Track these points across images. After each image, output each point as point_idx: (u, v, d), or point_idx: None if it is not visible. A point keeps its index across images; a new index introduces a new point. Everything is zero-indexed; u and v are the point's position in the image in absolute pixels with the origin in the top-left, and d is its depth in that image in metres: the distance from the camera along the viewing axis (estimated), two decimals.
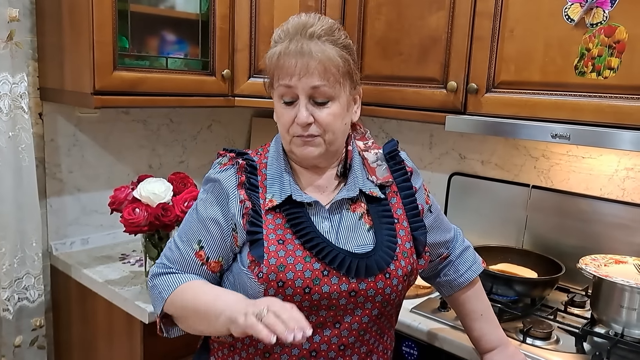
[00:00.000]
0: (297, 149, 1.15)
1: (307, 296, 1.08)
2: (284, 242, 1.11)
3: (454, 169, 2.20)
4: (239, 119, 2.55)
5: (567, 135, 1.45)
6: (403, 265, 1.16)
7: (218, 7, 1.93)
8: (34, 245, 1.90)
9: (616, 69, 1.45)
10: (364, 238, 1.16)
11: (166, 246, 1.22)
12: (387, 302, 1.16)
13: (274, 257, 1.09)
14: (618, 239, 1.79)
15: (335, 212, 1.17)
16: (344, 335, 1.13)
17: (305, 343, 1.11)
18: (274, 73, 1.13)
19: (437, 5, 1.76)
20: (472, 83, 1.70)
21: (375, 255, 1.14)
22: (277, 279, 1.08)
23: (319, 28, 1.12)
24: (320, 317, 1.11)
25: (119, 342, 1.76)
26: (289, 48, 1.10)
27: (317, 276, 1.09)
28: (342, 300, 1.11)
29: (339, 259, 1.10)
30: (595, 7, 1.46)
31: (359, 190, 1.18)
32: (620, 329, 1.47)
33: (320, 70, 1.09)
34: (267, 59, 1.15)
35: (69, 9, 1.73)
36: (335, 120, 1.13)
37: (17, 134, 1.82)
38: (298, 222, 1.13)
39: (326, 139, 1.14)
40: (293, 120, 1.12)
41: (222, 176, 1.17)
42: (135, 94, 1.78)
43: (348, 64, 1.14)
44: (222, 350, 1.19)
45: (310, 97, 1.11)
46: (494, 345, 1.35)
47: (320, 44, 1.11)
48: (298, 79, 1.09)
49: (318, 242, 1.11)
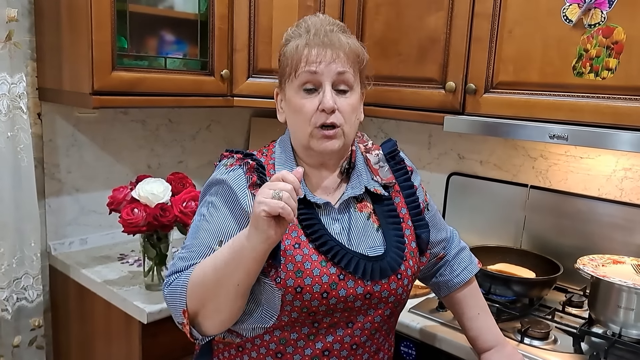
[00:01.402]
0: (316, 143, 1.14)
1: (324, 301, 1.09)
2: (299, 245, 1.10)
3: (452, 169, 2.20)
4: (238, 119, 2.55)
5: (565, 136, 1.45)
6: (411, 265, 1.19)
7: (217, 7, 1.93)
8: (32, 245, 1.90)
9: (614, 69, 1.45)
10: (374, 239, 1.17)
11: (174, 261, 1.14)
12: (398, 302, 1.18)
13: (291, 262, 1.08)
14: (616, 239, 1.80)
15: (344, 213, 1.18)
16: (356, 335, 1.14)
17: (318, 343, 1.12)
18: (296, 63, 1.13)
19: (435, 5, 1.76)
20: (470, 83, 1.70)
21: (388, 257, 1.15)
22: (295, 284, 1.07)
23: (335, 26, 1.17)
24: (334, 318, 1.12)
25: (117, 342, 1.76)
26: (312, 39, 1.12)
27: (334, 281, 1.09)
28: (357, 303, 1.12)
29: (354, 262, 1.11)
30: (594, 8, 1.46)
31: (364, 187, 1.19)
32: (617, 329, 1.47)
33: (344, 58, 1.13)
34: (287, 50, 1.15)
35: (68, 9, 1.73)
36: (353, 112, 1.15)
37: (15, 134, 1.82)
38: (311, 224, 1.12)
39: (345, 131, 1.14)
40: (316, 109, 1.12)
41: (229, 177, 1.15)
42: (134, 94, 1.78)
43: (364, 57, 1.18)
44: (229, 350, 1.18)
45: (334, 85, 1.13)
46: (491, 345, 1.35)
47: (341, 35, 1.15)
48: (325, 65, 1.11)
49: (332, 246, 1.11)
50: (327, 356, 1.13)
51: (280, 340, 1.13)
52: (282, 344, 1.13)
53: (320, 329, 1.12)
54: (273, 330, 1.12)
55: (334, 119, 1.12)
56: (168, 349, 1.70)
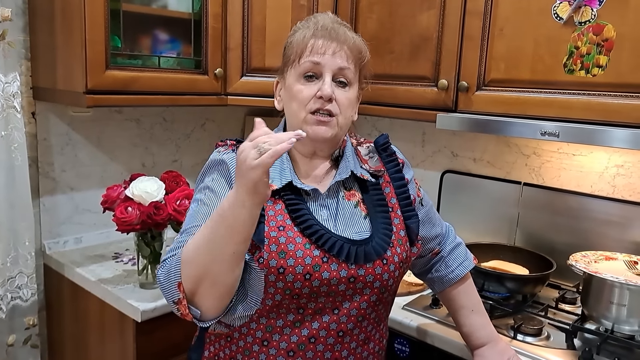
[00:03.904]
0: (310, 127, 1.15)
1: (307, 282, 1.09)
2: (284, 228, 1.12)
3: (446, 167, 2.21)
4: (232, 118, 2.55)
5: (557, 133, 1.46)
6: (399, 252, 1.19)
7: (210, 6, 1.93)
8: (27, 244, 1.90)
9: (604, 66, 1.46)
10: (361, 225, 1.18)
11: (172, 245, 1.12)
12: (384, 287, 1.18)
13: (275, 244, 1.09)
14: (609, 235, 1.81)
15: (332, 199, 1.19)
16: (342, 322, 1.14)
17: (304, 329, 1.12)
18: (301, 50, 1.16)
19: (428, 4, 1.76)
20: (462, 81, 1.71)
21: (373, 242, 1.16)
22: (277, 265, 1.08)
23: (343, 25, 1.21)
24: (319, 304, 1.12)
25: (111, 340, 1.77)
26: (319, 30, 1.16)
27: (317, 263, 1.10)
28: (341, 287, 1.12)
29: (338, 245, 1.12)
30: (584, 6, 1.47)
31: (350, 172, 1.20)
32: (610, 325, 1.48)
33: (348, 54, 1.17)
34: (294, 39, 1.19)
35: (62, 8, 1.73)
36: (349, 106, 1.18)
37: (9, 133, 1.82)
38: (297, 208, 1.14)
39: (339, 122, 1.16)
40: (313, 96, 1.14)
41: (226, 157, 1.16)
42: (128, 92, 1.78)
43: (366, 55, 1.22)
44: (219, 341, 1.20)
45: (334, 77, 1.16)
46: (484, 341, 1.36)
47: (347, 30, 1.19)
48: (328, 57, 1.15)
49: (317, 229, 1.12)
50: (314, 343, 1.13)
51: (266, 328, 1.13)
52: (268, 332, 1.13)
53: (305, 315, 1.12)
54: (259, 317, 1.13)
55: (330, 107, 1.15)
56: (162, 347, 1.70)
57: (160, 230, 1.71)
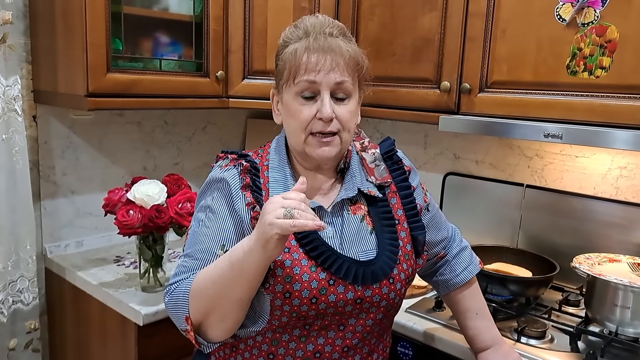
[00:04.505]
0: (312, 150, 1.12)
1: (313, 306, 1.08)
2: (289, 250, 1.09)
3: (448, 169, 2.21)
4: (234, 121, 2.55)
5: (560, 135, 1.45)
6: (405, 269, 1.17)
7: (212, 8, 1.93)
8: (28, 248, 1.89)
9: (608, 68, 1.45)
10: (367, 243, 1.16)
11: (175, 270, 1.12)
12: (391, 306, 1.17)
13: (280, 267, 1.07)
14: (612, 237, 1.80)
15: (337, 216, 1.17)
16: (348, 338, 1.14)
17: (309, 344, 1.12)
18: (294, 69, 1.10)
19: (429, 6, 1.76)
20: (465, 83, 1.70)
21: (380, 262, 1.14)
22: (283, 290, 1.07)
23: (335, 29, 1.14)
24: (325, 321, 1.11)
25: (113, 344, 1.76)
26: (311, 44, 1.10)
27: (324, 286, 1.09)
28: (347, 308, 1.11)
29: (344, 267, 1.10)
30: (587, 7, 1.47)
31: (357, 189, 1.18)
32: (614, 327, 1.47)
33: (344, 66, 1.11)
34: (285, 55, 1.13)
35: (62, 11, 1.73)
36: (351, 118, 1.14)
37: (10, 137, 1.81)
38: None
39: (342, 138, 1.13)
40: (313, 117, 1.10)
41: (226, 175, 1.14)
42: (129, 95, 1.78)
43: (364, 64, 1.16)
44: (224, 350, 1.19)
45: (332, 93, 1.11)
46: (488, 345, 1.35)
47: (341, 41, 1.12)
48: (324, 74, 1.09)
49: (323, 251, 1.10)
50: (319, 358, 1.12)
51: (272, 341, 1.12)
52: (274, 345, 1.12)
53: (311, 331, 1.11)
54: (265, 332, 1.12)
55: (332, 127, 1.11)
56: (164, 350, 1.70)
57: (162, 234, 1.71)
